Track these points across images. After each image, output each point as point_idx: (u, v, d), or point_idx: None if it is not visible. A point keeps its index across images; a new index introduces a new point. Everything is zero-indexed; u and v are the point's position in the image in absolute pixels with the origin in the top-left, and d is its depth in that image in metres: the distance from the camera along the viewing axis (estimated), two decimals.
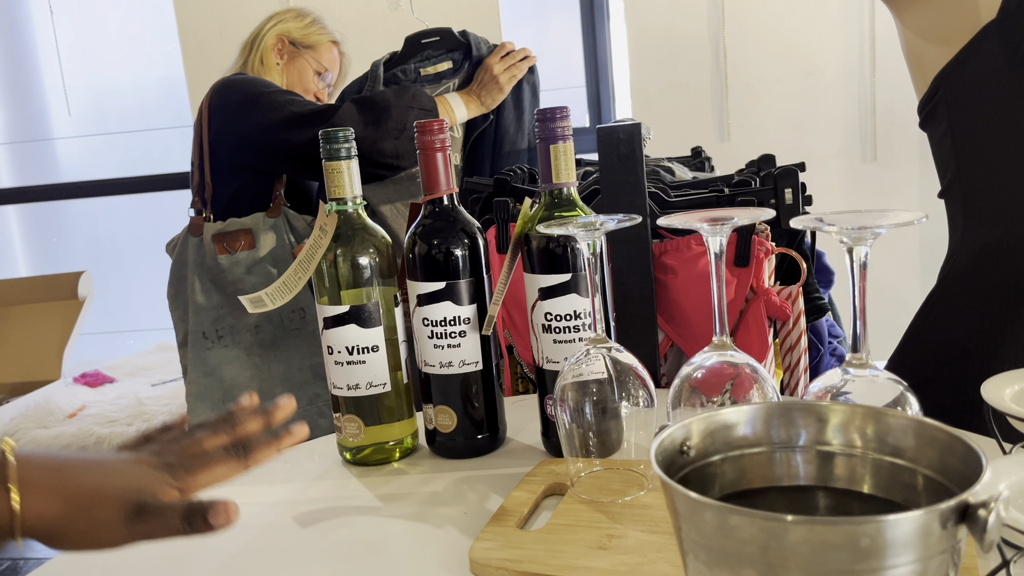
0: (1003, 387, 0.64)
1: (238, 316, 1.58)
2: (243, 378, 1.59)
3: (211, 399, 1.58)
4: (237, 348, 1.58)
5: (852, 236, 0.59)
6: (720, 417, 0.50)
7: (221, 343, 1.58)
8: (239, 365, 1.58)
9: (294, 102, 1.51)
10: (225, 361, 1.58)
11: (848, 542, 0.37)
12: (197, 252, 1.58)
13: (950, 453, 0.44)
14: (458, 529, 0.72)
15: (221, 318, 1.58)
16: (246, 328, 1.59)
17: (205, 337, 1.58)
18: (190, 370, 1.59)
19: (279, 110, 1.49)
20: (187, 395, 1.60)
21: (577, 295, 0.81)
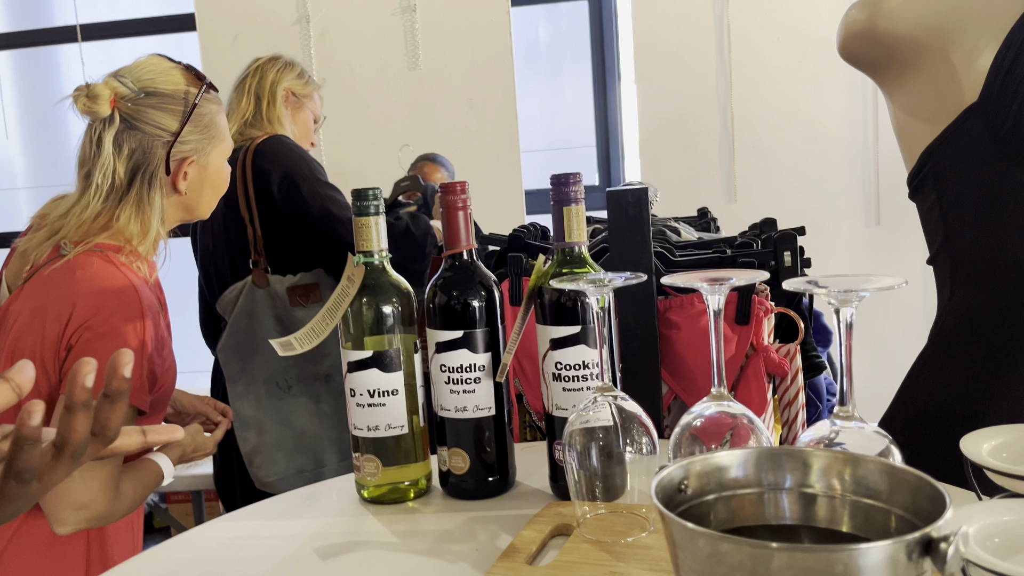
0: (981, 442, 0.69)
1: (307, 366, 1.65)
2: (312, 426, 1.65)
3: (286, 448, 1.64)
4: (306, 397, 1.65)
5: (839, 298, 0.65)
6: (715, 460, 0.56)
7: (291, 392, 1.64)
8: (308, 414, 1.64)
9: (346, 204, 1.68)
10: (295, 410, 1.64)
11: (825, 568, 0.42)
12: (269, 303, 1.65)
13: (919, 494, 0.49)
14: (470, 564, 0.77)
15: (290, 368, 1.64)
16: (316, 377, 1.66)
17: (277, 387, 1.64)
18: (266, 421, 1.64)
19: (341, 210, 1.66)
20: (262, 444, 1.64)
21: (586, 346, 0.86)
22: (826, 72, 3.13)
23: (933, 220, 0.96)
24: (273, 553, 0.82)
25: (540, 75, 4.11)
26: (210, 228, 1.77)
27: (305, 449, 1.66)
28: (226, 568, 0.80)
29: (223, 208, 1.71)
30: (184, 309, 3.74)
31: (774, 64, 3.13)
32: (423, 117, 3.31)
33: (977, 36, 0.88)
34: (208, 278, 1.81)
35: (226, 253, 1.75)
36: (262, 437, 1.64)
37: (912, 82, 0.94)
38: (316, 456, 1.67)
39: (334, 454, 1.68)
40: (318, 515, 0.91)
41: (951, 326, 0.95)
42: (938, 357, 0.96)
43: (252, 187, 1.66)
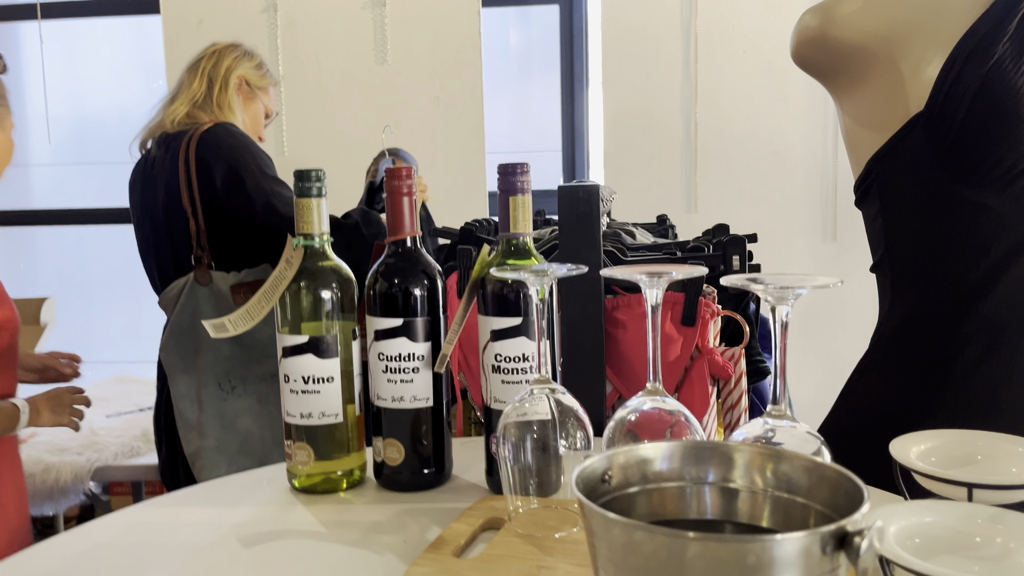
0: (911, 445, 0.69)
1: (251, 366, 1.60)
2: (256, 428, 1.60)
3: (229, 452, 1.60)
4: (251, 398, 1.60)
5: (775, 295, 0.65)
6: (639, 452, 0.55)
7: (234, 393, 1.60)
8: (252, 416, 1.60)
9: (273, 192, 1.65)
10: (239, 412, 1.59)
11: (737, 559, 0.42)
12: (211, 302, 1.60)
13: (838, 490, 0.49)
14: (396, 556, 0.75)
15: (234, 369, 1.60)
16: (259, 378, 1.61)
17: (220, 388, 1.59)
18: (208, 424, 1.59)
19: (286, 206, 1.63)
20: (203, 448, 1.59)
21: (527, 338, 0.85)
22: (790, 88, 3.17)
23: (876, 229, 0.96)
24: (194, 540, 0.79)
25: (509, 77, 4.11)
26: (149, 219, 1.71)
27: (249, 451, 1.62)
28: (143, 554, 0.77)
29: (165, 197, 1.66)
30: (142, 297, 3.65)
31: (739, 77, 3.17)
32: (389, 113, 3.29)
33: (925, 47, 0.89)
34: (150, 271, 1.75)
35: (168, 246, 1.69)
36: (204, 440, 1.59)
37: (861, 90, 0.95)
38: (261, 458, 1.62)
39: (278, 456, 1.64)
40: (247, 503, 0.89)
41: (890, 334, 0.96)
42: (877, 364, 0.97)
43: (196, 178, 1.61)
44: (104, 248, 3.80)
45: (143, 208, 1.71)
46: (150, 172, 1.69)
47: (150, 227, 1.70)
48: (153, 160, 1.69)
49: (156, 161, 1.68)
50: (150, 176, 1.69)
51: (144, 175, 1.71)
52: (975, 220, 0.87)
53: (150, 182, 1.68)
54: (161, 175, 1.66)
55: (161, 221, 1.67)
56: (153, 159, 1.70)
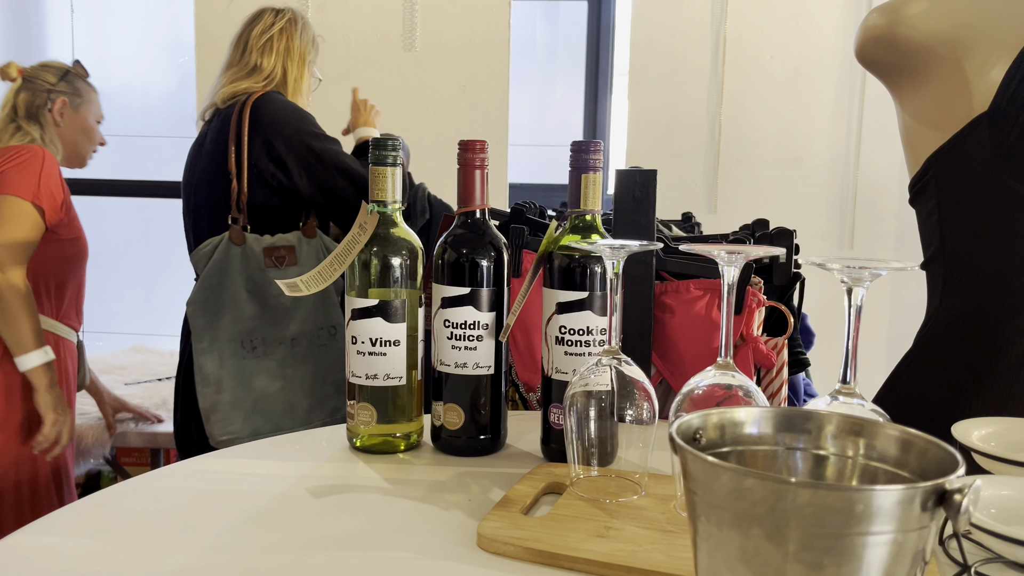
0: (972, 429, 0.72)
1: (273, 328, 1.63)
2: (272, 388, 1.63)
3: (243, 408, 1.62)
4: (270, 359, 1.63)
5: (852, 276, 0.67)
6: (732, 414, 0.57)
7: (255, 354, 1.62)
8: (270, 376, 1.62)
9: (344, 154, 1.70)
10: (257, 371, 1.62)
11: (844, 506, 0.44)
12: (243, 261, 1.63)
13: (928, 458, 0.51)
14: (464, 513, 0.78)
15: (256, 328, 1.62)
16: (281, 340, 1.64)
17: (242, 346, 1.62)
18: (225, 379, 1.62)
19: (337, 160, 1.67)
20: (219, 403, 1.62)
21: (592, 312, 0.88)
22: (815, 95, 3.19)
23: (931, 225, 0.99)
24: (267, 489, 0.82)
25: (534, 71, 4.13)
26: (197, 179, 1.74)
27: (263, 412, 1.64)
28: (220, 500, 0.80)
29: (212, 161, 1.68)
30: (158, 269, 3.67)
31: (765, 82, 3.19)
32: (414, 99, 3.31)
33: (991, 50, 0.91)
34: (187, 231, 1.79)
35: (206, 206, 1.72)
36: (220, 395, 1.62)
37: (923, 89, 0.97)
38: (273, 420, 1.64)
39: (290, 419, 1.66)
40: (309, 458, 0.91)
41: (939, 329, 0.98)
42: (923, 359, 0.99)
43: (248, 141, 1.64)
44: (121, 220, 3.82)
45: (194, 170, 1.74)
46: (215, 137, 1.72)
47: (195, 188, 1.73)
48: (217, 127, 1.73)
49: (218, 128, 1.72)
50: (213, 141, 1.72)
51: (207, 140, 1.75)
52: None
53: (211, 146, 1.72)
54: (218, 139, 1.69)
55: (205, 182, 1.71)
56: (216, 127, 1.73)
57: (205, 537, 0.71)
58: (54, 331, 1.82)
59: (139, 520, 0.75)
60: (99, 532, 0.72)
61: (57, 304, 1.85)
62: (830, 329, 2.93)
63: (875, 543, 0.45)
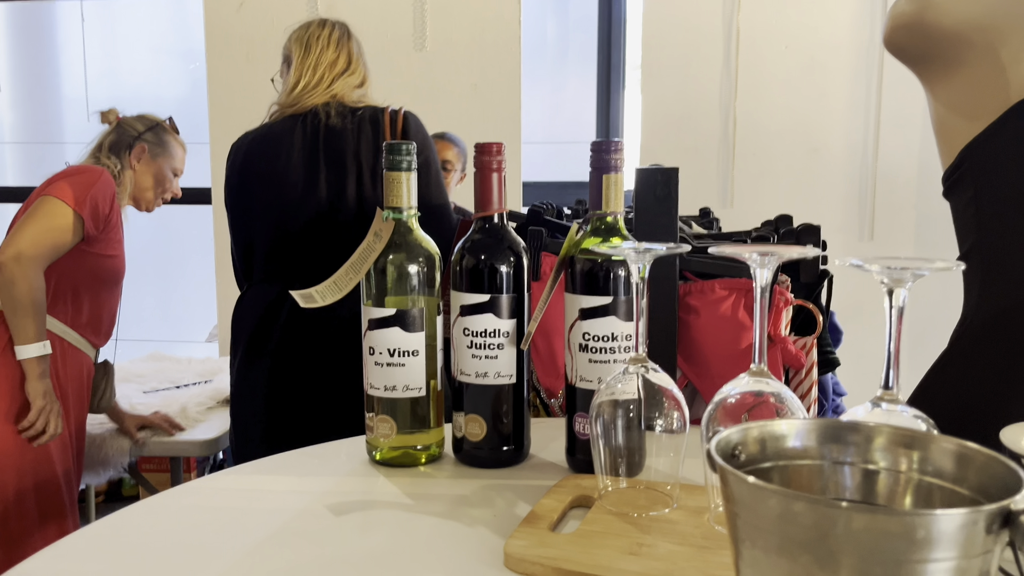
0: (1021, 435, 0.68)
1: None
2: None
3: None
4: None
5: (893, 277, 0.64)
6: (773, 427, 0.54)
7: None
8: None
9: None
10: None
11: (905, 532, 0.41)
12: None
13: (988, 474, 0.48)
14: (489, 529, 0.75)
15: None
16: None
17: None
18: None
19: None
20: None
21: (616, 318, 0.85)
22: (831, 84, 3.14)
23: (967, 218, 0.95)
24: (286, 506, 0.80)
25: (545, 67, 4.09)
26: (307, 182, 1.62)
27: None
28: (238, 519, 0.77)
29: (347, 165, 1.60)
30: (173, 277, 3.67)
31: (780, 72, 3.14)
32: (426, 98, 3.28)
33: None
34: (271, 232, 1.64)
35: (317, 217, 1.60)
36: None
37: (956, 77, 0.93)
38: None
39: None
40: (328, 473, 0.89)
41: (977, 326, 0.94)
42: (961, 359, 0.96)
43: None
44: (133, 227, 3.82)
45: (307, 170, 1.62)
46: (329, 137, 1.62)
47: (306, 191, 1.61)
48: (330, 127, 1.62)
49: (338, 129, 1.62)
50: (327, 141, 1.62)
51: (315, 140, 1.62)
52: None
53: (327, 147, 1.61)
54: (348, 143, 1.61)
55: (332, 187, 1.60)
56: (329, 126, 1.62)
57: (223, 560, 0.69)
58: (63, 336, 1.83)
59: (156, 543, 0.73)
60: (116, 556, 0.70)
61: (75, 314, 1.86)
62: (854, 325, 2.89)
63: (936, 570, 0.42)
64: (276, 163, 1.60)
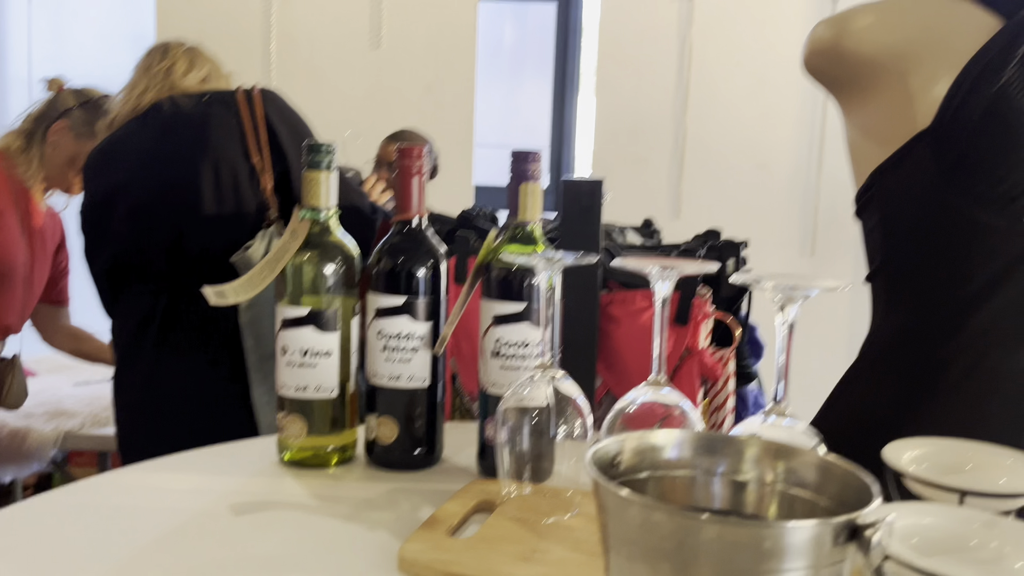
0: (903, 451, 0.71)
1: None
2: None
3: None
4: None
5: (785, 294, 0.66)
6: (650, 438, 0.55)
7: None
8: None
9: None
10: None
11: (753, 543, 0.42)
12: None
13: (847, 486, 0.50)
14: (389, 532, 0.75)
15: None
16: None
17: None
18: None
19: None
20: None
21: (529, 324, 0.86)
22: (780, 103, 3.20)
23: (875, 240, 0.98)
24: (186, 506, 0.79)
25: (501, 72, 4.11)
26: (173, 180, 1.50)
27: None
28: (135, 518, 0.76)
29: (220, 154, 1.48)
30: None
31: (731, 89, 3.19)
32: (379, 98, 3.27)
33: (935, 65, 0.91)
34: (154, 240, 1.51)
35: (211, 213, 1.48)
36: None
37: (869, 103, 0.96)
38: None
39: None
40: (235, 473, 0.88)
41: (882, 343, 0.97)
42: (866, 372, 0.99)
43: (266, 136, 1.49)
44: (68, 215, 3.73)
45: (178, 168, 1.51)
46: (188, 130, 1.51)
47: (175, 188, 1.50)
48: (174, 117, 1.52)
49: (183, 117, 1.52)
50: (187, 134, 1.51)
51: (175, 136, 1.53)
52: (973, 236, 0.89)
53: (190, 141, 1.51)
54: (197, 130, 1.51)
55: (207, 180, 1.48)
56: (173, 115, 1.52)
57: (113, 560, 0.68)
58: None
59: (46, 542, 0.72)
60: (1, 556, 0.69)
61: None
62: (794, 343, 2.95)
63: None
64: (127, 167, 1.50)
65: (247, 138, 1.48)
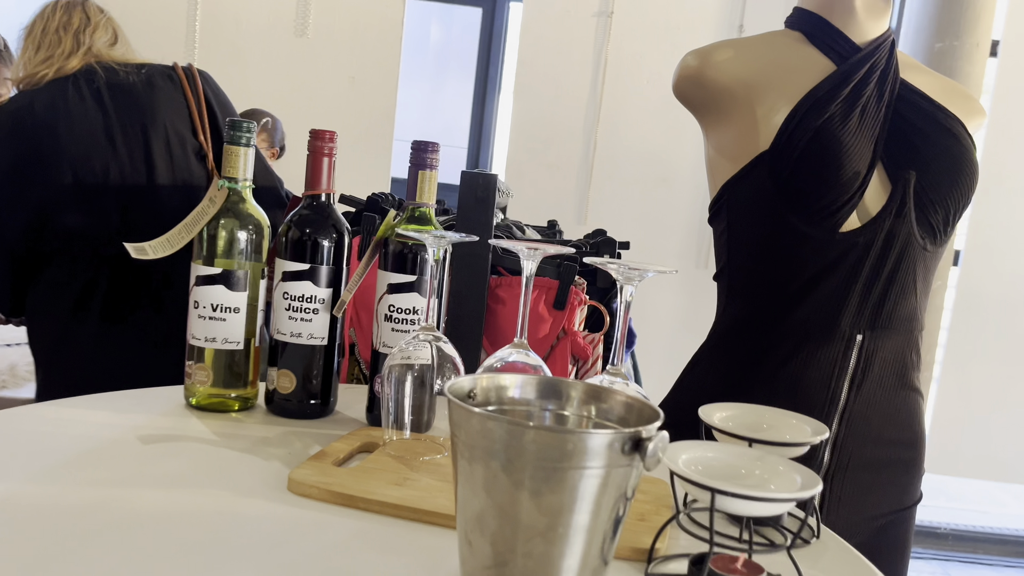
0: (716, 411, 0.87)
1: None
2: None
3: None
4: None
5: (624, 275, 0.81)
6: (499, 379, 0.69)
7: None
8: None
9: None
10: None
11: (559, 444, 0.56)
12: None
13: (642, 417, 0.64)
14: (282, 463, 0.86)
15: None
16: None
17: None
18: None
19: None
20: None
21: (419, 294, 0.98)
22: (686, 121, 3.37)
23: (721, 243, 1.15)
24: (97, 435, 0.88)
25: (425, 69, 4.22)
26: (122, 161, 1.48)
27: None
28: (47, 440, 0.85)
29: (161, 130, 1.49)
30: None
31: (641, 105, 3.39)
32: (302, 86, 3.33)
33: (777, 97, 1.08)
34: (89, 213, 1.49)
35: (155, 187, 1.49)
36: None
37: (724, 125, 1.13)
38: None
39: None
40: (144, 412, 0.97)
41: (720, 332, 1.14)
42: (707, 356, 1.15)
43: (207, 112, 1.54)
44: None
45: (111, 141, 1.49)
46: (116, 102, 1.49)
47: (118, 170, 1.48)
48: (117, 84, 1.50)
49: (126, 85, 1.50)
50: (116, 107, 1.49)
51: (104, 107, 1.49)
52: (797, 243, 1.06)
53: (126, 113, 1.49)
54: (143, 99, 1.50)
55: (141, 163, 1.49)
56: (115, 83, 1.49)
57: (25, 471, 0.77)
58: None
59: None
60: None
61: None
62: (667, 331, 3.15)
63: (585, 476, 0.57)
64: (58, 131, 1.45)
65: (193, 115, 1.51)
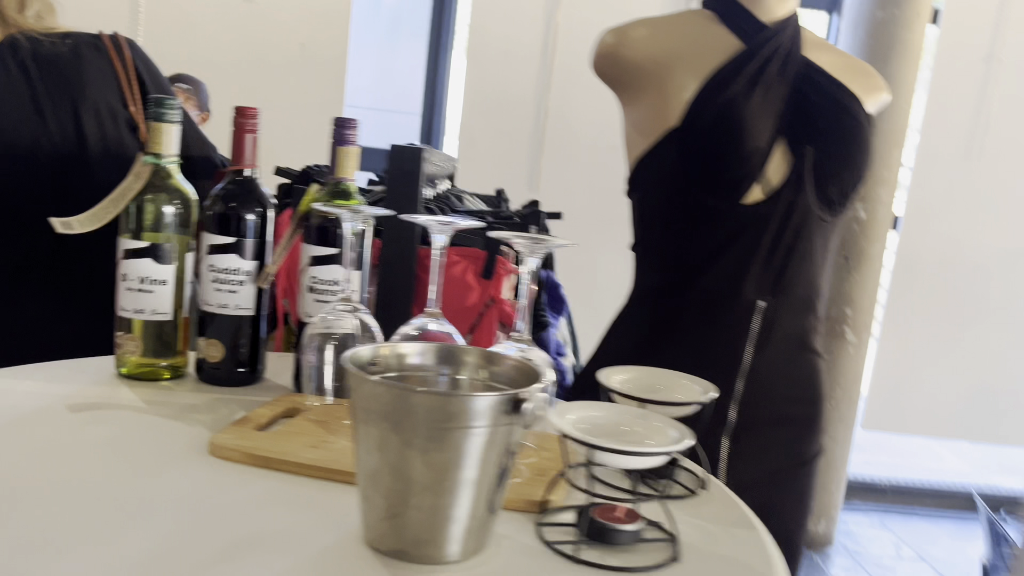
0: (615, 374, 0.93)
1: None
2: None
3: None
4: None
5: (528, 248, 0.86)
6: (399, 348, 0.74)
7: None
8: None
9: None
10: None
11: (442, 406, 0.61)
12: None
13: (530, 379, 0.70)
14: (206, 428, 0.91)
15: None
16: None
17: None
18: None
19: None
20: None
21: (340, 266, 1.03)
22: None
23: (636, 217, 1.20)
24: (24, 404, 0.91)
25: (377, 35, 4.19)
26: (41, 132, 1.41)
27: None
28: None
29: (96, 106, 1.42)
30: None
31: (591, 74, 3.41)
32: (251, 53, 3.30)
33: (686, 75, 1.13)
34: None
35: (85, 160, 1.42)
36: None
37: (639, 102, 1.18)
38: None
39: None
40: (73, 382, 1.01)
41: (635, 298, 1.20)
42: (624, 321, 1.22)
43: (137, 83, 1.47)
44: None
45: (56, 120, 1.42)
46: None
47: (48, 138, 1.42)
48: (41, 55, 1.41)
49: (52, 56, 1.42)
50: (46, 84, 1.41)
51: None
52: (702, 216, 1.12)
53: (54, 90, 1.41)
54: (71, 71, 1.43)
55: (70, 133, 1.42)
56: (40, 54, 1.41)
57: None
58: None
59: None
60: None
61: None
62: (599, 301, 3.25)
63: (469, 435, 0.63)
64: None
65: (122, 85, 1.47)
